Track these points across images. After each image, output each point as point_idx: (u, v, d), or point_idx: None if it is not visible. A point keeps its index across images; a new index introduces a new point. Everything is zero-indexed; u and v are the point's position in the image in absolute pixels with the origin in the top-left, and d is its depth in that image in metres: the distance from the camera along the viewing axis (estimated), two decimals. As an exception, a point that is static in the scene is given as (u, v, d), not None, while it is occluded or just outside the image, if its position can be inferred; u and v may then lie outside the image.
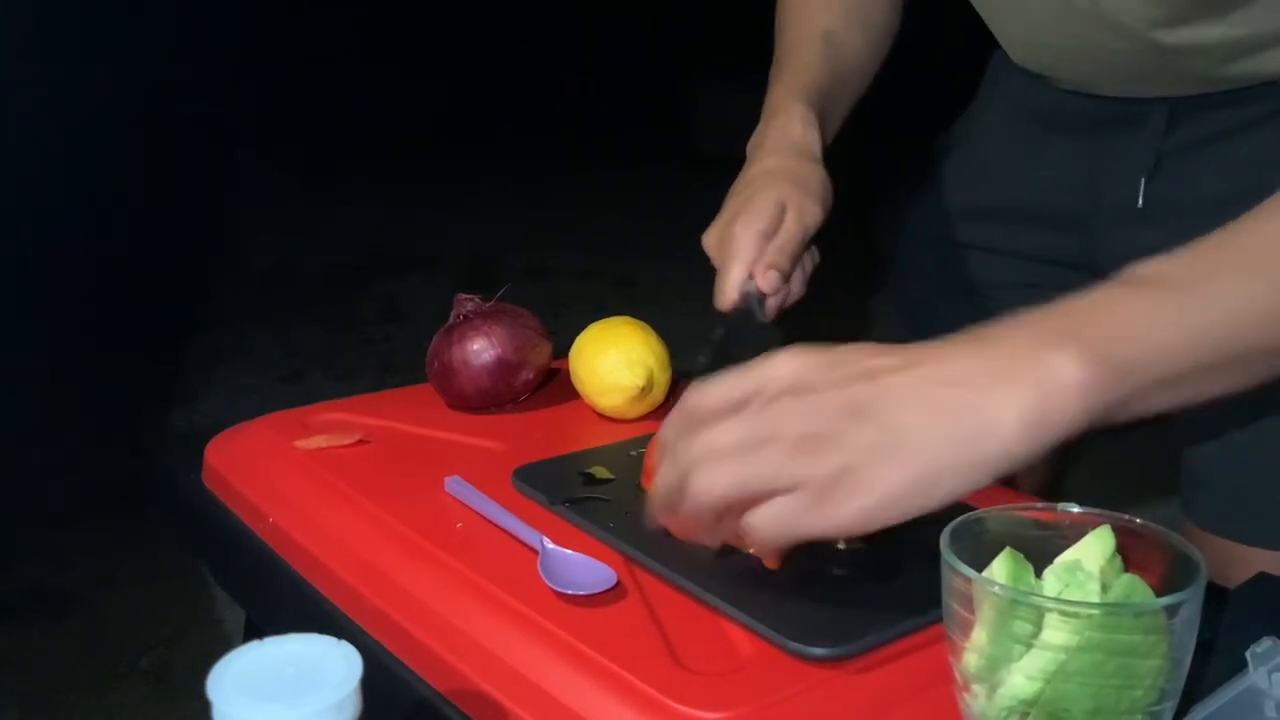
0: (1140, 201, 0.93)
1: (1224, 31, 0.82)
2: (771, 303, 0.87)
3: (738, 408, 0.59)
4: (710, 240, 0.90)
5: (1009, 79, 1.05)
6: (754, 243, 0.86)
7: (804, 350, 0.60)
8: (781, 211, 0.88)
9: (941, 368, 0.58)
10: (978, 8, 0.96)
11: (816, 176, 0.91)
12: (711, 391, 0.61)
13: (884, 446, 0.56)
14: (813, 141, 0.94)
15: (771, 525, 0.58)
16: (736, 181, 0.92)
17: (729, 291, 0.86)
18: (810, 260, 0.92)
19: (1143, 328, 0.58)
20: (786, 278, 0.87)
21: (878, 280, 0.91)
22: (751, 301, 0.85)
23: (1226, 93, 0.88)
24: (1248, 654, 0.54)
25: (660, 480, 0.61)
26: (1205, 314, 0.59)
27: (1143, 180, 0.93)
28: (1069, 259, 0.99)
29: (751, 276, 0.86)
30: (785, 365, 0.59)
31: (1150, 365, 0.58)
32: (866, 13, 1.04)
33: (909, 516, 0.57)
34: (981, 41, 1.04)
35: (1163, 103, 0.91)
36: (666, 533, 0.65)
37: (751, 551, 0.65)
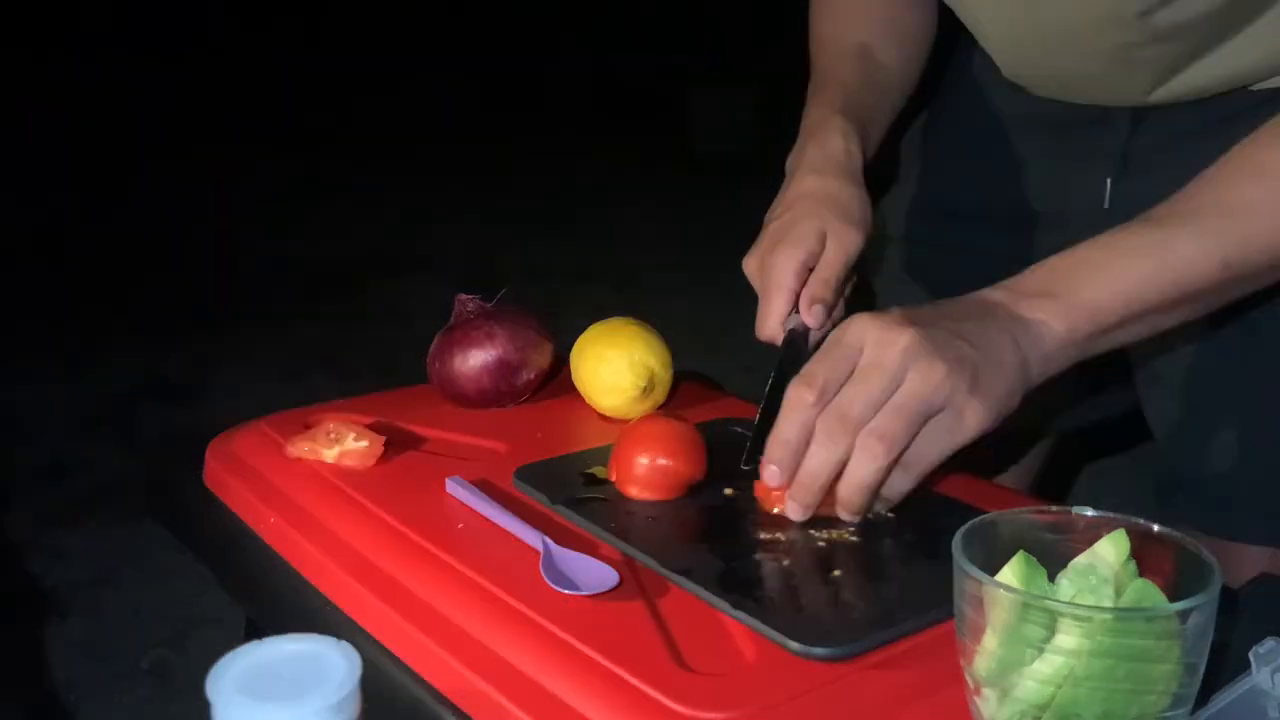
0: (1107, 202, 0.93)
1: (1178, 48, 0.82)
2: (815, 336, 0.85)
3: (843, 374, 0.69)
4: (751, 267, 0.89)
5: (973, 80, 1.05)
6: (796, 274, 0.85)
7: (867, 314, 0.70)
8: (822, 239, 0.86)
9: (970, 312, 0.72)
10: (960, 15, 0.95)
11: (857, 200, 0.89)
12: (821, 373, 0.69)
13: (981, 358, 0.69)
14: (854, 157, 0.92)
15: (931, 449, 0.69)
16: (776, 202, 0.91)
17: (771, 324, 0.85)
18: (849, 285, 0.91)
19: (1102, 278, 0.73)
20: (831, 309, 0.86)
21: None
22: (796, 337, 0.84)
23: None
24: (1251, 654, 0.54)
25: (823, 455, 0.69)
26: (1153, 263, 0.73)
27: (1109, 181, 0.93)
28: (1036, 257, 0.99)
29: (795, 309, 0.85)
30: (869, 322, 0.70)
31: (1110, 307, 0.72)
32: (901, 25, 1.03)
33: (1010, 412, 0.70)
34: (942, 40, 1.04)
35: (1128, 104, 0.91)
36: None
37: (843, 516, 0.71)
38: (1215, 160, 0.88)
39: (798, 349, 0.83)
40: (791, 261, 0.85)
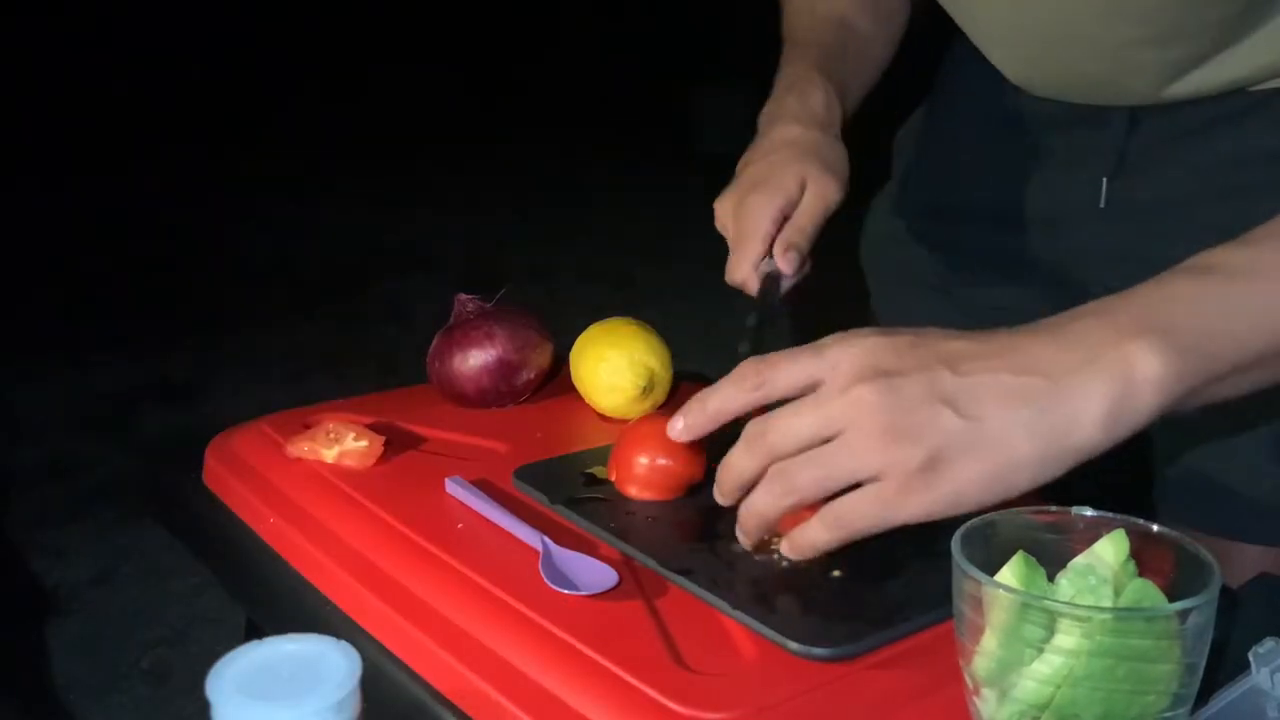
0: (1103, 201, 0.93)
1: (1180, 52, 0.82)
2: (786, 284, 0.84)
3: (807, 390, 0.59)
4: (724, 209, 0.86)
5: (968, 77, 1.04)
6: (773, 219, 0.83)
7: (874, 332, 0.60)
8: (802, 186, 0.85)
9: (1022, 357, 0.58)
10: (950, 13, 0.95)
11: (837, 152, 0.88)
12: (781, 369, 0.60)
13: (968, 436, 0.56)
14: (834, 112, 0.91)
15: (854, 515, 0.58)
16: (752, 148, 0.89)
17: (745, 268, 0.83)
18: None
19: (1214, 317, 0.58)
20: (804, 257, 0.85)
21: (842, 272, 0.89)
22: (771, 283, 0.82)
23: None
24: (1250, 655, 0.54)
25: (736, 462, 0.61)
26: (1271, 299, 0.59)
27: (1105, 180, 0.93)
28: (1033, 257, 0.99)
29: (769, 255, 0.83)
30: (857, 347, 0.59)
31: (1222, 354, 0.58)
32: (880, 1, 1.03)
33: (990, 505, 0.57)
34: (934, 36, 1.03)
35: (1125, 105, 0.90)
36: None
37: (782, 549, 0.65)
38: (1212, 161, 0.88)
39: (771, 296, 0.82)
40: (769, 207, 0.83)
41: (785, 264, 0.83)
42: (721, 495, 0.64)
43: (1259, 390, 0.62)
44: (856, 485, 0.58)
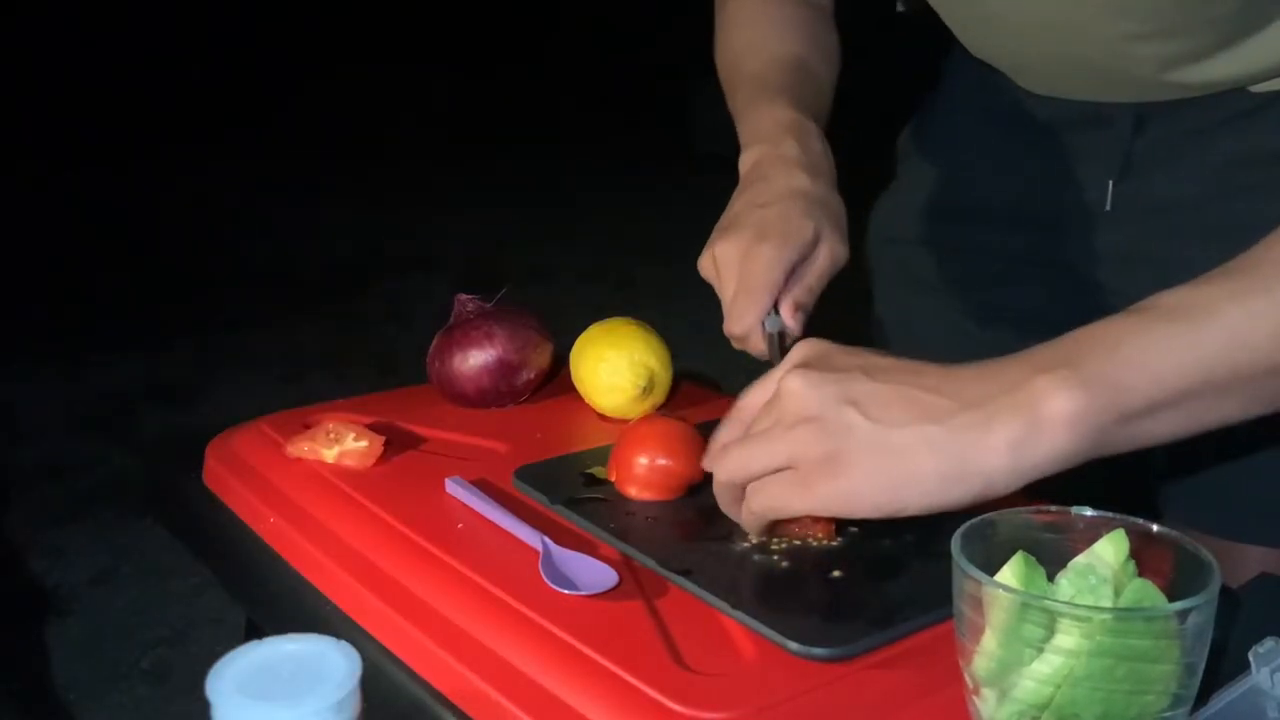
0: (1109, 204, 0.93)
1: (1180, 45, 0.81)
2: (789, 344, 0.78)
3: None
4: (725, 254, 0.80)
5: (969, 78, 1.04)
6: (786, 272, 0.79)
7: (817, 342, 0.65)
8: (816, 242, 0.80)
9: (939, 380, 0.61)
10: (937, 9, 0.95)
11: (842, 210, 0.84)
12: (755, 387, 0.68)
13: (871, 438, 0.60)
14: (832, 165, 0.87)
15: (762, 500, 0.64)
16: (750, 191, 0.83)
17: (749, 320, 0.78)
18: None
19: (1136, 352, 0.59)
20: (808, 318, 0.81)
21: (844, 273, 0.87)
22: (779, 340, 0.77)
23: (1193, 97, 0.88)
24: (1250, 655, 0.54)
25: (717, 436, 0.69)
26: (1202, 335, 0.60)
27: (1110, 182, 0.92)
28: (1038, 259, 0.99)
29: (776, 310, 0.79)
30: (797, 353, 0.65)
31: (1144, 389, 0.59)
32: (824, 42, 1.00)
33: (883, 514, 0.61)
34: (936, 37, 1.03)
35: (1129, 105, 0.90)
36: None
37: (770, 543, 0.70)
38: (1217, 163, 0.87)
39: (779, 356, 0.75)
40: (782, 260, 0.79)
41: (795, 324, 0.79)
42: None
43: (1215, 427, 0.63)
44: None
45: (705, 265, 0.83)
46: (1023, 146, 0.99)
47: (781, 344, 0.77)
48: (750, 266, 0.78)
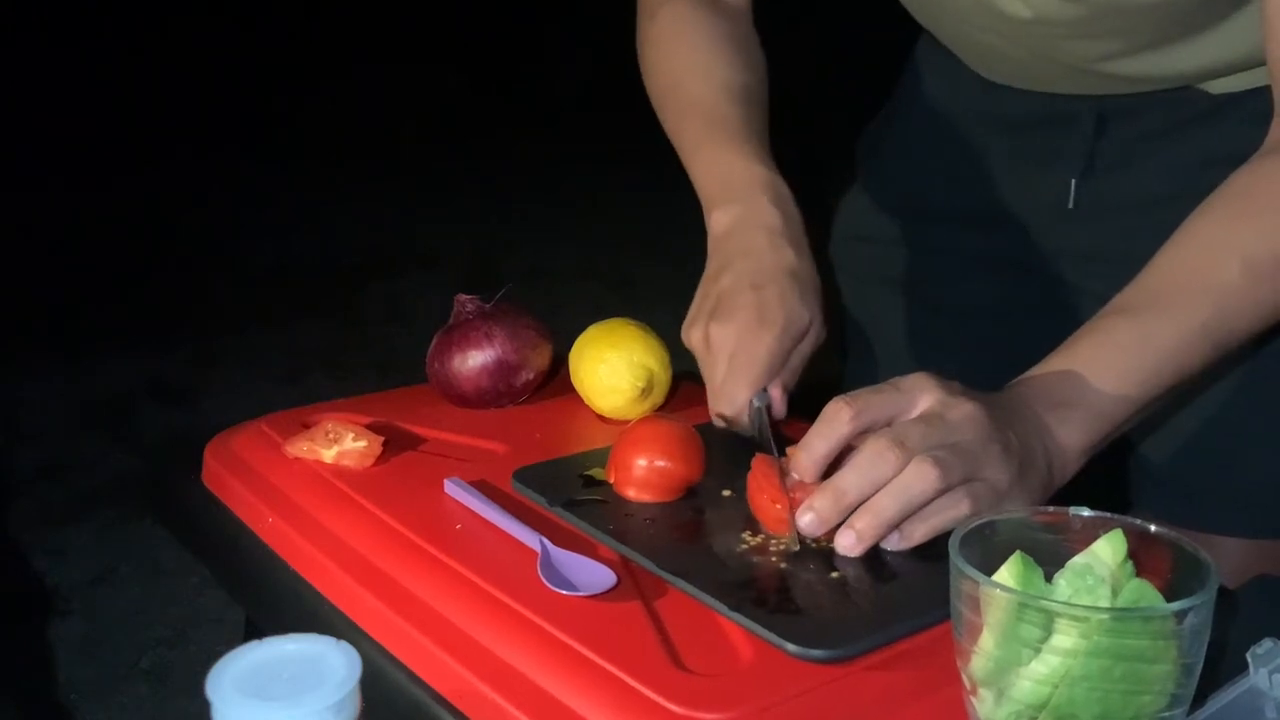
0: (1071, 202, 0.93)
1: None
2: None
3: (892, 417, 0.69)
4: (722, 334, 0.80)
5: (933, 77, 1.04)
6: (783, 360, 0.80)
7: (929, 377, 0.70)
8: (809, 330, 0.82)
9: (1011, 414, 0.71)
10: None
11: (820, 286, 0.85)
12: (868, 399, 0.69)
13: (1026, 457, 0.70)
14: (803, 227, 0.87)
15: (969, 506, 0.67)
16: (745, 268, 0.83)
17: (739, 403, 0.79)
18: None
19: (1116, 375, 0.72)
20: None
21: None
22: (759, 417, 0.78)
23: (1156, 94, 0.88)
24: (1248, 655, 0.54)
25: (814, 453, 0.69)
26: (1161, 339, 0.73)
27: (1073, 181, 0.93)
28: (1001, 257, 0.99)
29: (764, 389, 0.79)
30: (925, 387, 0.70)
31: (1126, 408, 0.73)
32: (757, 59, 1.00)
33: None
34: (899, 35, 1.03)
35: (1092, 103, 0.91)
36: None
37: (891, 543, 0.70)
38: (1178, 163, 0.88)
39: (765, 431, 0.77)
40: (781, 350, 0.80)
41: (781, 407, 0.80)
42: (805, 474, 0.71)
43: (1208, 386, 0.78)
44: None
45: (696, 341, 0.83)
46: (985, 145, 1.00)
47: (768, 420, 0.78)
48: (751, 351, 0.79)
